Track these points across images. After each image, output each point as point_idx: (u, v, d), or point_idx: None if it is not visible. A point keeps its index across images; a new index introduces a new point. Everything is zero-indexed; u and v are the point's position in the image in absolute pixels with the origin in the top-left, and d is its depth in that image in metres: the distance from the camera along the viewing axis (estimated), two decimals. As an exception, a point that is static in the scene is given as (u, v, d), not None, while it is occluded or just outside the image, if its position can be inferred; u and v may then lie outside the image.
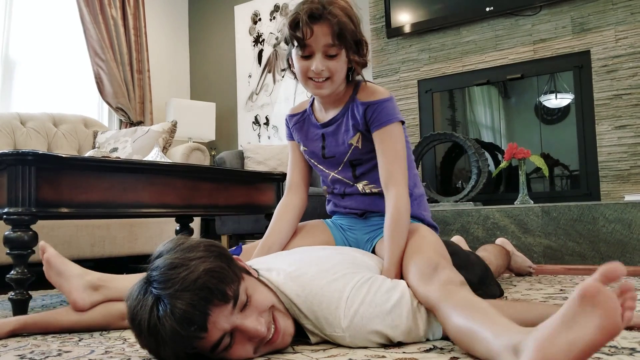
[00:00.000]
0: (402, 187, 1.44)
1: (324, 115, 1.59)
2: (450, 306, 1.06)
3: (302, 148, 1.65)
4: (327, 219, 1.72)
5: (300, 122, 1.64)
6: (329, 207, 1.71)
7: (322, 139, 1.59)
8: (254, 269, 1.22)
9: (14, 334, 1.47)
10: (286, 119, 1.69)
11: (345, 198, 1.63)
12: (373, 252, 1.56)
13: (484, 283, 1.70)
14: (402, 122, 1.51)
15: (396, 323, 1.12)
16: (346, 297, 1.13)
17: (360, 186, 1.58)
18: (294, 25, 1.41)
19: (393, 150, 1.46)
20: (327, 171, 1.62)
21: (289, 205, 1.64)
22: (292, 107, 1.71)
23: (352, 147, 1.54)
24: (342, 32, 1.38)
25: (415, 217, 1.56)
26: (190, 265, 1.00)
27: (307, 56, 1.43)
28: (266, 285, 1.18)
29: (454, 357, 1.03)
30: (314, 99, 1.63)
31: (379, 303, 1.12)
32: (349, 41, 1.41)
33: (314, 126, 1.60)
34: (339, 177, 1.60)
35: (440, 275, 1.16)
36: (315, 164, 1.64)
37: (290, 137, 1.69)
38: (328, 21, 1.38)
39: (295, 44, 1.43)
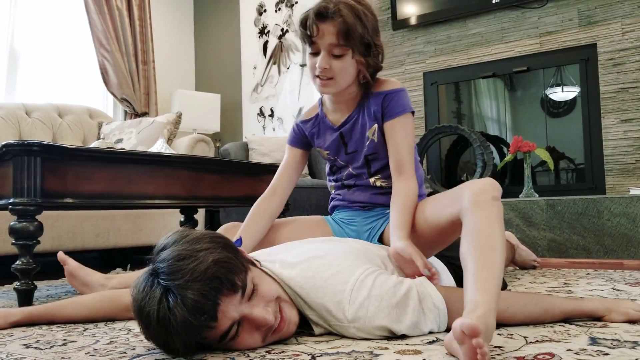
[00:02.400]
0: (412, 176, 1.49)
1: (337, 116, 1.61)
2: (467, 221, 1.19)
3: (324, 153, 1.67)
4: (326, 216, 1.72)
5: (316, 127, 1.66)
6: (332, 203, 1.72)
7: (340, 137, 1.61)
8: (256, 260, 1.23)
9: (18, 324, 1.47)
10: (298, 126, 1.70)
11: (354, 191, 1.64)
12: (380, 241, 1.57)
13: (487, 276, 1.70)
14: (413, 113, 1.55)
15: (401, 318, 1.12)
16: (350, 289, 1.14)
17: (372, 180, 1.60)
18: (304, 22, 1.45)
19: (405, 141, 1.50)
20: (346, 166, 1.64)
21: (268, 208, 1.64)
22: (302, 113, 1.73)
23: (369, 140, 1.56)
24: (348, 32, 1.40)
25: None
26: (198, 256, 1.01)
27: (314, 53, 1.46)
28: (270, 276, 1.18)
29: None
30: (321, 100, 1.65)
31: (385, 297, 1.13)
32: (356, 43, 1.43)
33: (329, 129, 1.62)
34: (355, 172, 1.62)
35: (466, 192, 1.23)
36: (339, 161, 1.65)
37: (292, 142, 1.70)
38: (334, 20, 1.40)
39: (305, 40, 1.47)
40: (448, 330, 1.17)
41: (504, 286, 1.81)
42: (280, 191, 1.67)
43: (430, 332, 1.16)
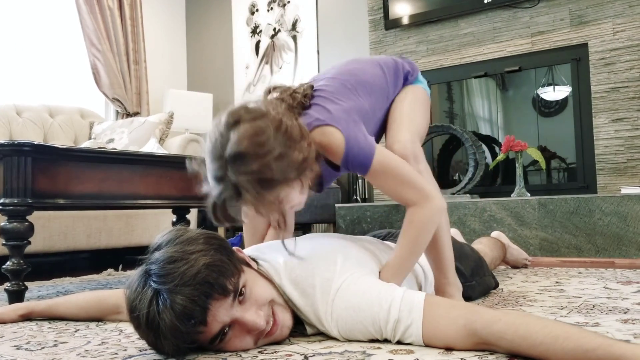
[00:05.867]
0: (423, 201, 1.29)
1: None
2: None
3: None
4: None
5: None
6: None
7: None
8: (253, 259, 1.22)
9: (25, 317, 1.55)
10: None
11: None
12: None
13: (478, 274, 1.71)
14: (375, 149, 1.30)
15: (378, 334, 1.09)
16: (332, 299, 1.12)
17: None
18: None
19: (390, 184, 1.31)
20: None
21: (255, 233, 1.53)
22: None
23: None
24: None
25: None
26: (189, 259, 1.00)
27: None
28: (265, 277, 1.17)
29: (449, 349, 1.03)
30: None
31: (364, 308, 1.09)
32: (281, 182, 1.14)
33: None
34: None
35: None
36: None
37: None
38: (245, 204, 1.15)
39: None
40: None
41: (495, 285, 1.81)
42: None
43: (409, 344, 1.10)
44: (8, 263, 1.77)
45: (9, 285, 1.78)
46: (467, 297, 1.60)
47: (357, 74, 1.42)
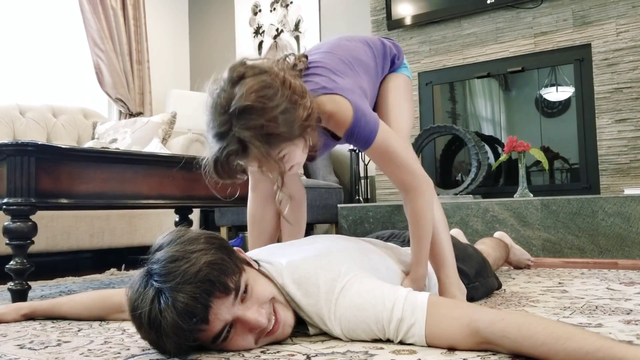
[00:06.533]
0: (420, 188, 1.34)
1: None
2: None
3: None
4: None
5: None
6: None
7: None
8: (255, 260, 1.22)
9: (27, 317, 1.54)
10: None
11: None
12: None
13: (482, 275, 1.70)
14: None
15: (381, 333, 1.09)
16: (335, 299, 1.12)
17: None
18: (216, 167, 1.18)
19: (392, 163, 1.33)
20: None
21: (264, 218, 1.51)
22: None
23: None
24: (269, 154, 1.13)
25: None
26: (191, 258, 1.00)
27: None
28: (267, 276, 1.18)
29: (451, 349, 1.03)
30: None
31: (367, 307, 1.09)
32: (283, 140, 1.13)
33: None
34: None
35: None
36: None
37: None
38: (248, 158, 1.13)
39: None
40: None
41: (499, 286, 1.81)
42: (269, 193, 1.56)
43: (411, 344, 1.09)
44: (11, 262, 1.78)
45: (12, 284, 1.78)
46: (470, 298, 1.60)
47: (351, 51, 1.41)
